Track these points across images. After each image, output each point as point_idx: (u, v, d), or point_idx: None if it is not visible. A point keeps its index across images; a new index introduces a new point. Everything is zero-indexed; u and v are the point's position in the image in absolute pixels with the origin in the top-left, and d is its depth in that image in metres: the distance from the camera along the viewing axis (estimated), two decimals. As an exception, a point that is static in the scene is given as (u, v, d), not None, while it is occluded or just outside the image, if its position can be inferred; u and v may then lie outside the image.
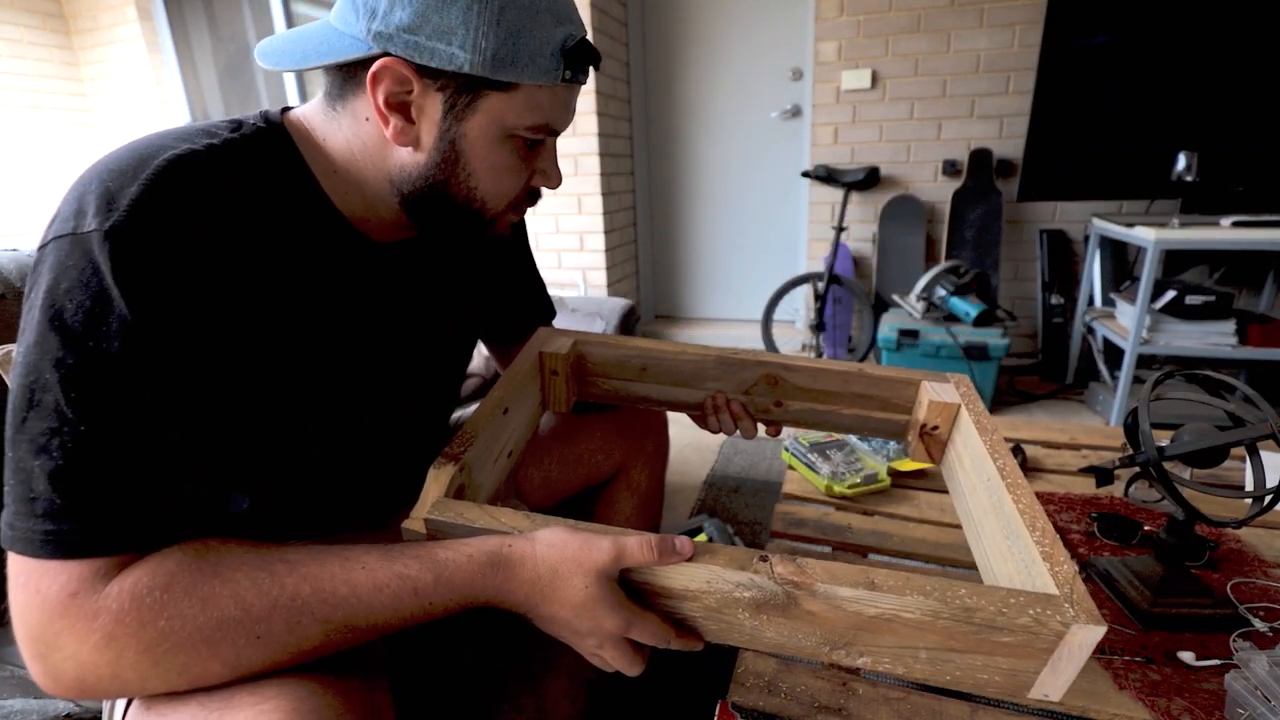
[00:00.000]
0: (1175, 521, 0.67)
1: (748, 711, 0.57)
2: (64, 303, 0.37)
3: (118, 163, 0.40)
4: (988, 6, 2.18)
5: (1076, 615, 0.38)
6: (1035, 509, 0.48)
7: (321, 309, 0.49)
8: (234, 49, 3.10)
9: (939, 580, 0.40)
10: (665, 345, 0.68)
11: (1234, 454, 0.84)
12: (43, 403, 0.36)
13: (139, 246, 0.37)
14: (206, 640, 0.36)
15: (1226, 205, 1.85)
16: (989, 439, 0.56)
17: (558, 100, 0.48)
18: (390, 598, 0.40)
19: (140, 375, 0.37)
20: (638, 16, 2.70)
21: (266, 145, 0.47)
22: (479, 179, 0.48)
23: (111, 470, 0.37)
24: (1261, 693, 0.52)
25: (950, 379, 0.65)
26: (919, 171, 2.40)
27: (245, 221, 0.43)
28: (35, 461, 0.36)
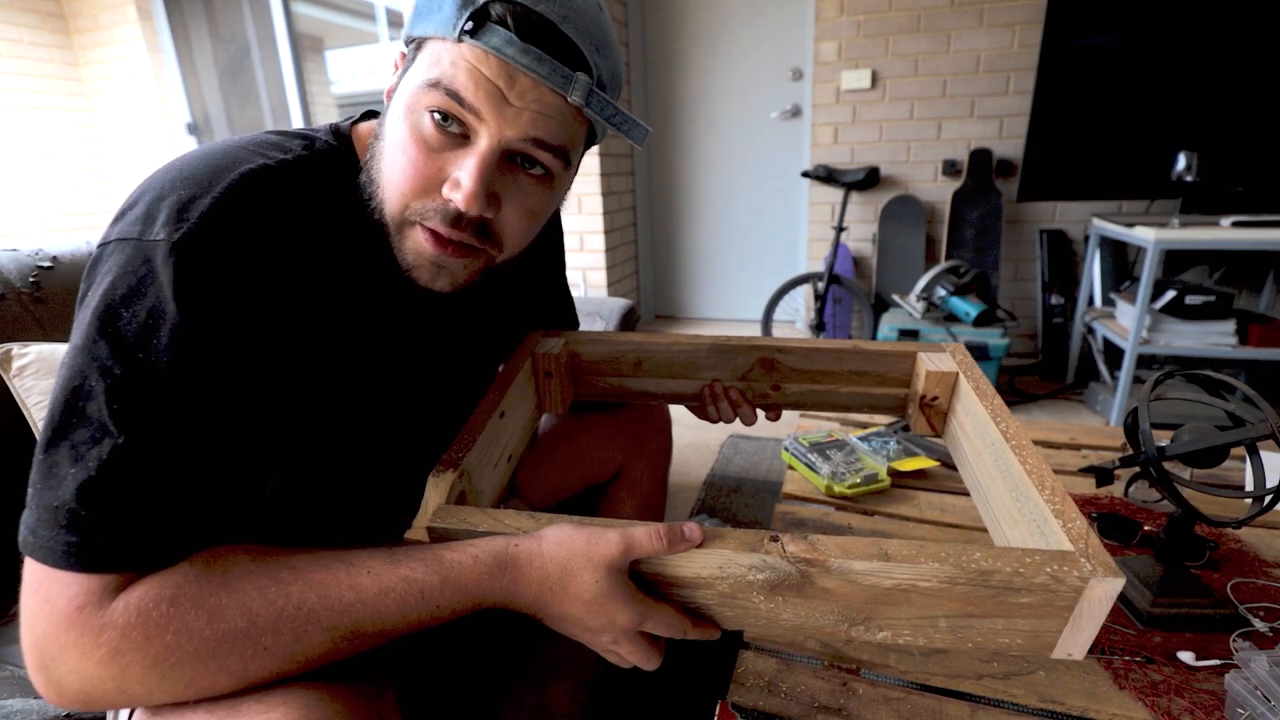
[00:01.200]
0: (1175, 521, 0.67)
1: (748, 711, 0.57)
2: (119, 309, 0.36)
3: (193, 170, 0.39)
4: (988, 6, 2.18)
5: (1094, 569, 0.38)
6: (1043, 469, 0.47)
7: (366, 336, 0.48)
8: (234, 49, 3.10)
9: (953, 545, 0.40)
10: (658, 337, 0.68)
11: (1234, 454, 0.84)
12: (85, 410, 0.36)
13: (203, 263, 0.37)
14: (213, 654, 0.36)
15: (1226, 205, 1.85)
16: (990, 404, 0.56)
17: (462, 61, 0.39)
18: (396, 602, 0.39)
19: (185, 392, 0.37)
20: (638, 16, 2.70)
21: (333, 164, 0.45)
22: (383, 159, 0.43)
23: (141, 487, 0.36)
24: (1261, 693, 0.52)
25: (946, 348, 0.65)
26: (919, 171, 2.40)
27: (307, 242, 0.42)
28: (70, 469, 0.35)
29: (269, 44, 3.00)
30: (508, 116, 0.41)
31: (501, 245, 0.46)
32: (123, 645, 0.35)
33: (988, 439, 0.54)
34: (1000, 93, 2.24)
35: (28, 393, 0.69)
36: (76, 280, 0.81)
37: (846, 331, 2.51)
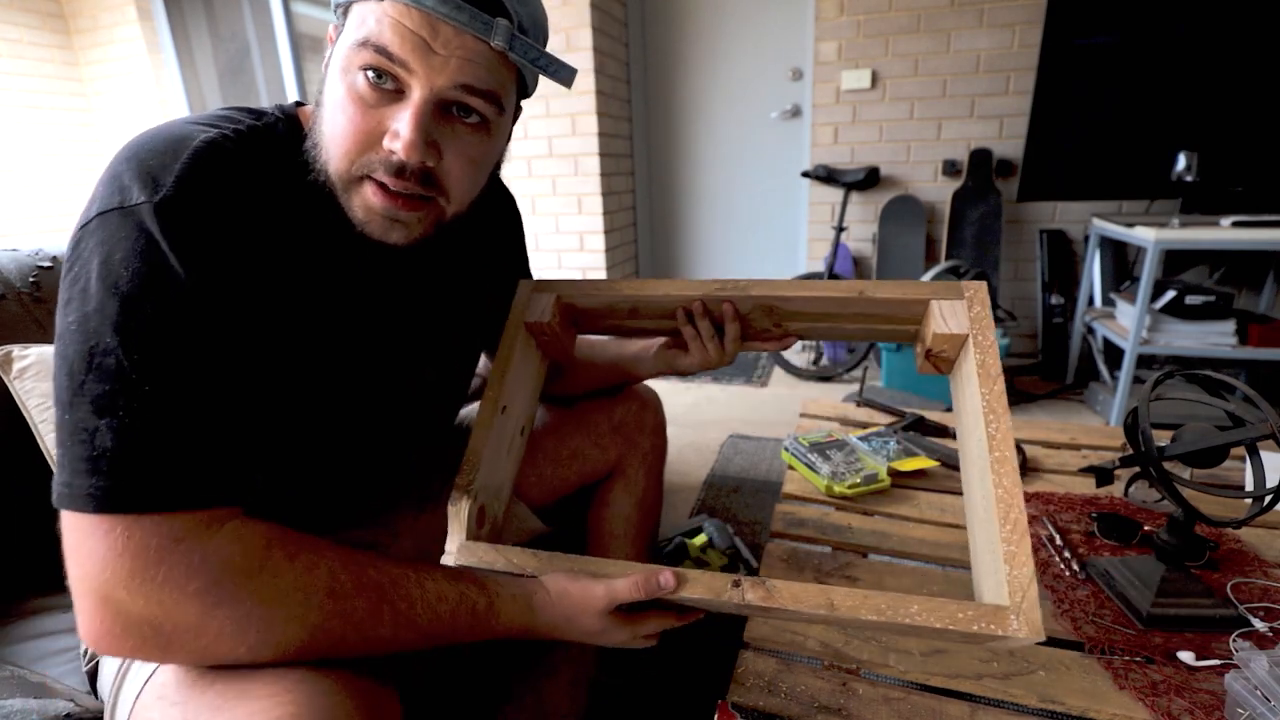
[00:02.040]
0: (1175, 521, 0.67)
1: (748, 711, 0.57)
2: (120, 270, 0.38)
3: (152, 144, 0.41)
4: (988, 6, 2.18)
5: (1019, 629, 0.43)
6: (1013, 494, 0.48)
7: (325, 293, 0.49)
8: (234, 49, 3.10)
9: (893, 598, 0.46)
10: (651, 287, 0.64)
11: (1234, 454, 0.84)
12: (103, 365, 0.37)
13: (189, 217, 0.39)
14: (297, 603, 0.38)
15: (1226, 205, 1.85)
16: (989, 392, 0.53)
17: (387, 18, 0.41)
18: (450, 610, 0.45)
19: (198, 336, 0.39)
20: (638, 16, 2.70)
21: (281, 136, 0.48)
22: (324, 121, 0.44)
23: (178, 426, 0.38)
24: (1261, 693, 0.52)
25: (966, 292, 0.58)
26: (919, 171, 2.40)
27: (267, 204, 0.44)
28: (100, 421, 0.36)
29: (269, 44, 3.00)
30: (435, 65, 0.42)
31: (448, 194, 0.47)
32: (222, 576, 0.37)
33: (976, 435, 0.53)
34: (1000, 93, 2.24)
35: (28, 395, 0.69)
36: (76, 280, 0.81)
37: (846, 331, 2.51)
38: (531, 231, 2.62)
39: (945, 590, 0.72)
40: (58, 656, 0.63)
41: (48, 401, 0.69)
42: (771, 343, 0.67)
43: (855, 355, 2.39)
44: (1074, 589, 0.70)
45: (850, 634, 0.65)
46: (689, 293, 0.63)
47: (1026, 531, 0.46)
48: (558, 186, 2.55)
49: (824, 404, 1.28)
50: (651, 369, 0.74)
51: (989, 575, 0.48)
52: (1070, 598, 0.69)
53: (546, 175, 2.55)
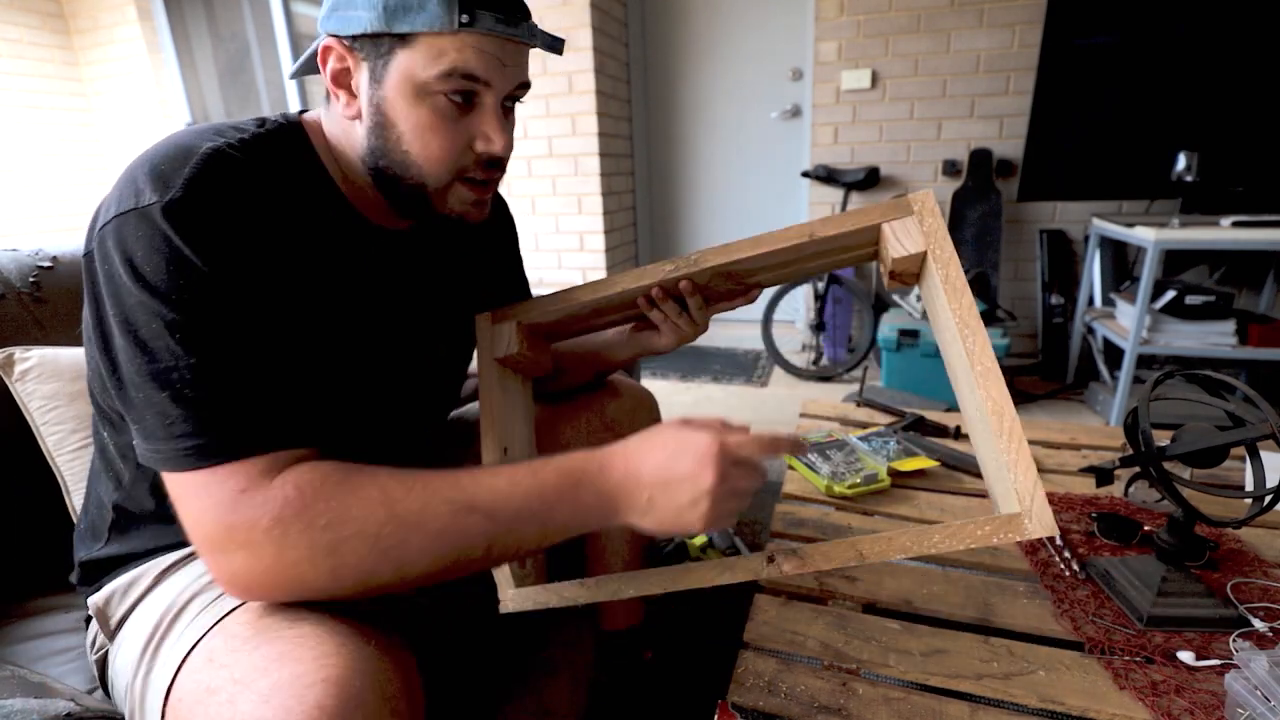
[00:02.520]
0: (1175, 521, 0.67)
1: (748, 711, 0.57)
2: (144, 267, 0.42)
3: (163, 151, 0.45)
4: (988, 6, 2.18)
5: (1034, 529, 0.45)
6: (1003, 404, 0.49)
7: (339, 279, 0.53)
8: (234, 49, 3.10)
9: (915, 534, 0.47)
10: (606, 285, 0.64)
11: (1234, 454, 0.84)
12: (154, 349, 0.42)
13: (197, 215, 0.43)
14: (355, 518, 0.41)
15: (1226, 205, 1.85)
16: (959, 306, 0.53)
17: (467, 48, 0.47)
18: (522, 495, 0.44)
19: (227, 314, 0.43)
20: (638, 16, 2.70)
21: (286, 139, 0.52)
22: (408, 142, 0.50)
23: (231, 387, 0.42)
24: (1261, 693, 0.52)
25: (914, 205, 0.57)
26: (919, 171, 2.40)
27: (273, 203, 0.48)
28: (163, 394, 0.41)
29: (269, 44, 3.00)
30: (505, 76, 0.50)
31: (504, 167, 0.56)
32: (283, 512, 0.40)
33: (955, 348, 0.54)
34: (1000, 93, 2.24)
35: (30, 397, 0.69)
36: (77, 280, 0.81)
37: (846, 332, 2.51)
38: (531, 231, 2.62)
39: (945, 591, 0.72)
40: (58, 656, 0.63)
41: (50, 403, 0.69)
42: (738, 299, 0.69)
43: (855, 355, 2.39)
44: (1074, 589, 0.70)
45: (851, 634, 0.65)
46: (644, 282, 0.63)
47: (1023, 438, 0.48)
48: (558, 186, 2.56)
49: (824, 404, 1.28)
50: (628, 353, 0.75)
51: (998, 484, 0.50)
52: (1070, 598, 0.69)
53: (546, 175, 2.55)
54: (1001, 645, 0.63)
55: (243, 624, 0.43)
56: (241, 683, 0.38)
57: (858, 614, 0.69)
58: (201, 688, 0.40)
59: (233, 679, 0.39)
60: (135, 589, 0.52)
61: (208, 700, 0.39)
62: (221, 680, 0.40)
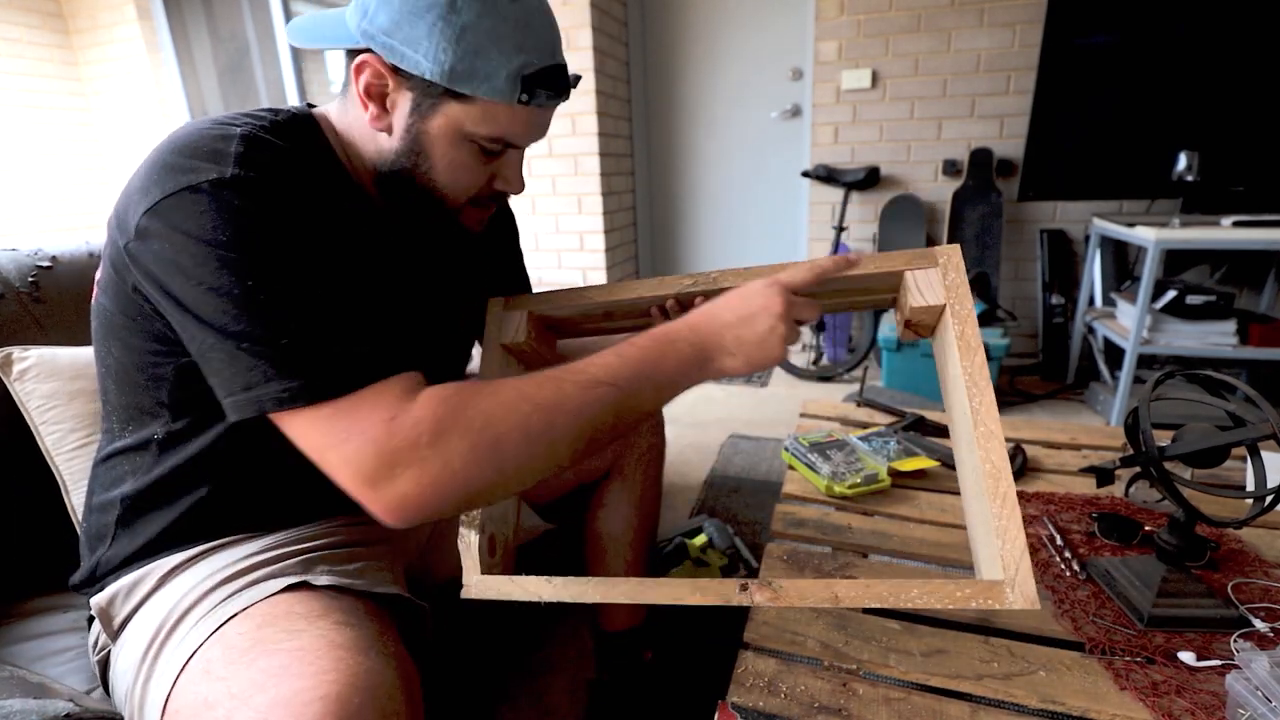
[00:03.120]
0: (1176, 522, 0.67)
1: (748, 711, 0.57)
2: (220, 235, 0.43)
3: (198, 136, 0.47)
4: (988, 6, 2.18)
5: (1015, 600, 0.45)
6: (1000, 468, 0.49)
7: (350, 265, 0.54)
8: (233, 49, 3.10)
9: (894, 585, 0.48)
10: (623, 289, 0.65)
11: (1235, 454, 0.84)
12: (258, 302, 0.43)
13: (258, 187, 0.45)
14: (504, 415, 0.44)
15: (1227, 205, 1.85)
16: (970, 364, 0.53)
17: (517, 119, 0.52)
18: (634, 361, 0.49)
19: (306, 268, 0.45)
20: (638, 16, 2.70)
21: (301, 128, 0.54)
22: (439, 173, 0.54)
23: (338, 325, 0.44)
24: (1263, 693, 0.52)
25: (940, 258, 0.57)
26: (919, 171, 2.39)
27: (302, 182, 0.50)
28: (279, 339, 0.42)
29: (269, 43, 3.00)
30: (536, 135, 0.56)
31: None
32: (440, 426, 0.42)
33: (960, 408, 0.54)
34: (1001, 92, 2.24)
35: (29, 396, 0.69)
36: (76, 280, 0.81)
37: (846, 332, 2.51)
38: (531, 231, 2.62)
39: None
40: (58, 656, 0.63)
41: (49, 403, 0.69)
42: None
43: (855, 355, 2.39)
44: (1074, 589, 0.70)
45: (851, 634, 0.65)
46: (661, 291, 0.64)
47: (1016, 505, 0.48)
48: (558, 186, 2.55)
49: (824, 404, 1.28)
50: None
51: (984, 548, 0.50)
52: (1071, 598, 0.69)
53: (546, 175, 2.55)
54: (1002, 645, 0.63)
55: (241, 634, 0.42)
56: (239, 698, 0.38)
57: (858, 614, 0.69)
58: (199, 700, 0.40)
59: (230, 693, 0.39)
60: (139, 590, 0.52)
61: (204, 714, 0.39)
62: (219, 694, 0.39)
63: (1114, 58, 1.93)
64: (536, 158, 2.55)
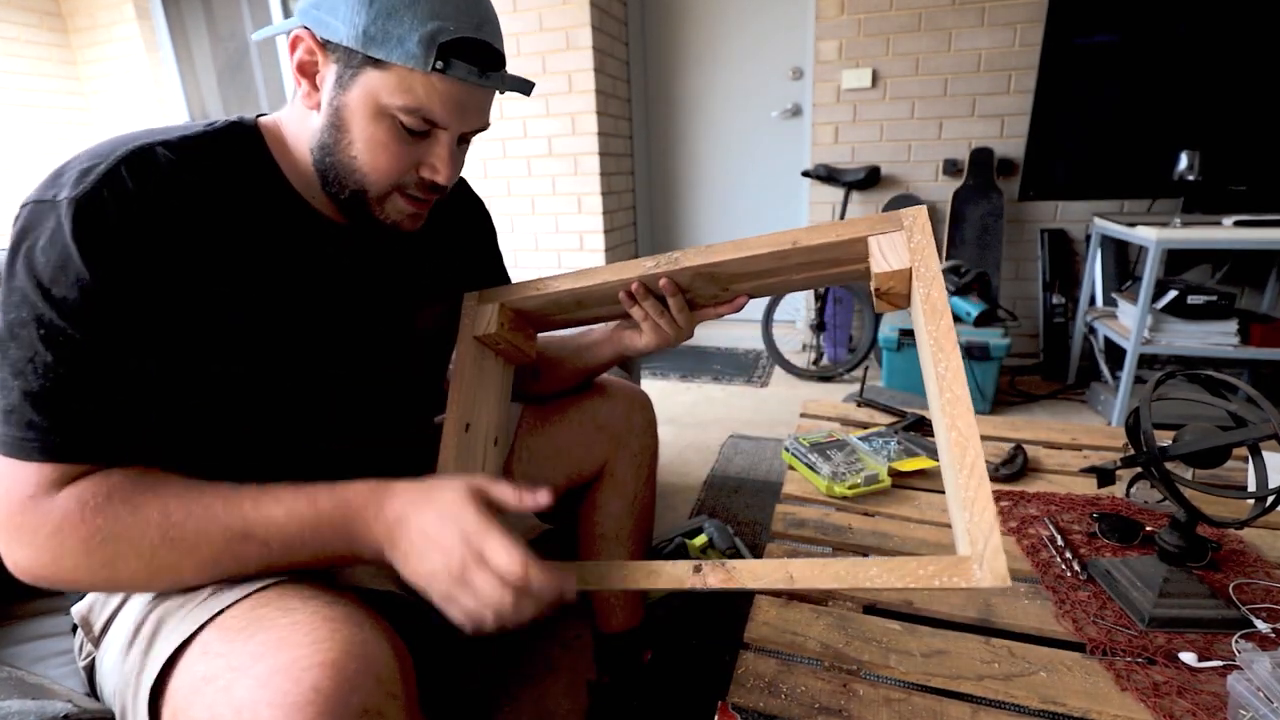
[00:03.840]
0: (1177, 522, 0.67)
1: (748, 712, 0.56)
2: (36, 256, 0.44)
3: (99, 148, 0.47)
4: (989, 5, 2.17)
5: (983, 578, 0.42)
6: (968, 436, 0.46)
7: (279, 281, 0.53)
8: (232, 48, 3.10)
9: (851, 564, 0.46)
10: (589, 276, 0.64)
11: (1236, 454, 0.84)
12: (20, 336, 0.43)
13: (96, 215, 0.44)
14: (130, 538, 0.43)
15: (1228, 205, 1.85)
16: (935, 328, 0.51)
17: (435, 91, 0.49)
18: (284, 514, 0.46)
19: (95, 321, 0.44)
20: (638, 16, 2.69)
21: (234, 138, 0.53)
22: (357, 150, 0.52)
23: (70, 395, 0.44)
24: (1264, 694, 0.51)
25: (905, 220, 0.55)
26: (920, 171, 2.39)
27: (206, 202, 0.49)
28: (15, 382, 0.43)
29: (268, 43, 3.00)
30: (465, 119, 0.53)
31: (445, 192, 0.58)
32: (63, 524, 0.42)
33: (931, 374, 0.51)
34: (1001, 92, 2.24)
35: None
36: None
37: (847, 332, 2.51)
38: (531, 231, 2.62)
39: (945, 591, 0.71)
40: (57, 658, 0.63)
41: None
42: (723, 307, 0.69)
43: (855, 355, 2.39)
44: (1075, 590, 0.70)
45: (851, 635, 0.65)
46: (625, 275, 0.63)
47: (985, 475, 0.45)
48: (557, 186, 2.55)
49: (824, 404, 1.28)
50: (610, 353, 0.75)
51: (955, 523, 0.47)
52: (1072, 598, 0.69)
53: (546, 175, 2.55)
54: (1002, 646, 0.63)
55: (237, 616, 0.43)
56: (238, 669, 0.39)
57: (858, 615, 0.68)
58: (198, 677, 0.41)
59: (229, 666, 0.39)
60: (115, 595, 0.52)
61: (204, 689, 0.39)
62: (217, 668, 0.40)
63: (1114, 57, 1.93)
64: (536, 158, 2.55)
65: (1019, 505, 0.88)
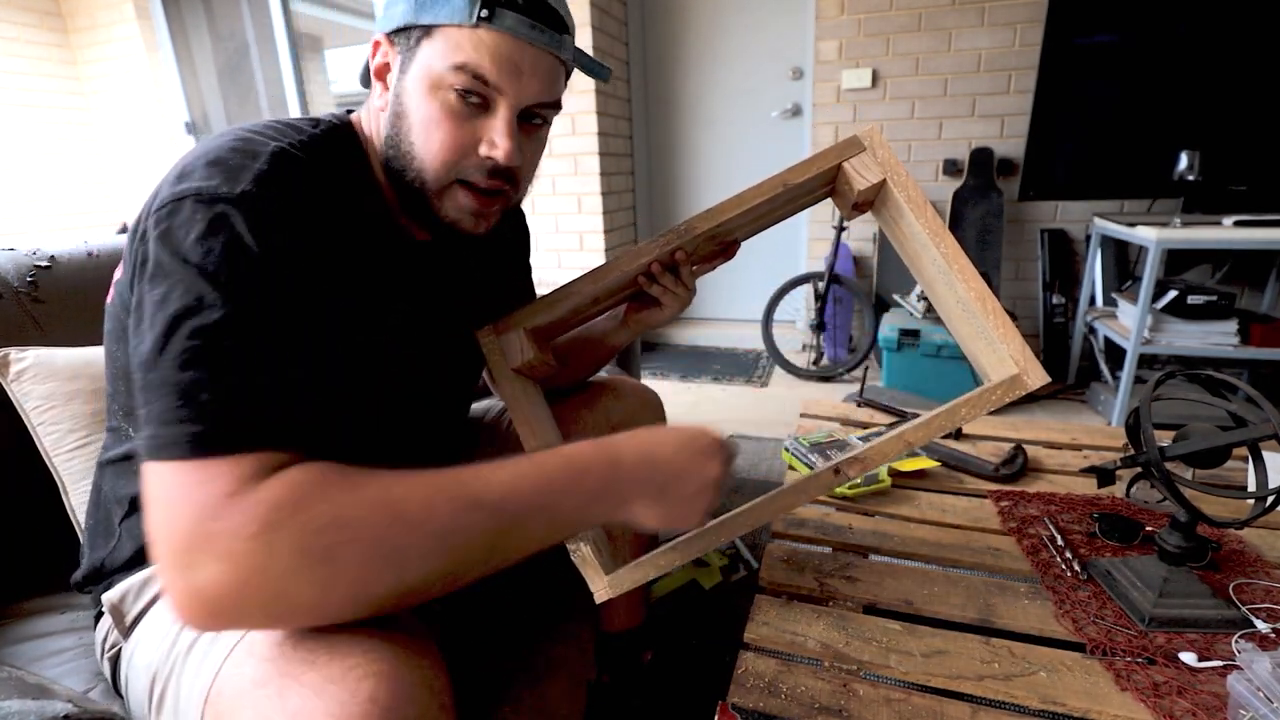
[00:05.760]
0: (1177, 522, 0.66)
1: (748, 712, 0.56)
2: (199, 248, 0.40)
3: (228, 147, 0.45)
4: (989, 5, 2.17)
5: (1033, 381, 0.55)
6: (983, 291, 0.57)
7: (376, 285, 0.53)
8: (232, 48, 3.10)
9: (944, 411, 0.55)
10: (605, 272, 0.66)
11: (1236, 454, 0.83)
12: (187, 329, 0.39)
13: (266, 209, 0.43)
14: (352, 520, 0.36)
15: (1228, 204, 1.85)
16: (925, 219, 0.59)
17: (483, 45, 0.46)
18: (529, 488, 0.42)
19: (271, 306, 0.42)
20: (638, 16, 2.69)
21: (340, 140, 0.52)
22: (415, 134, 0.49)
23: (256, 376, 0.40)
24: (1264, 694, 0.51)
25: (865, 142, 0.63)
26: (920, 171, 2.39)
27: (329, 206, 0.48)
28: (185, 374, 0.38)
29: (268, 43, 3.00)
30: (522, 84, 0.49)
31: (519, 186, 0.55)
32: (274, 517, 0.35)
33: (930, 254, 0.60)
34: (1001, 92, 2.24)
35: (25, 397, 0.69)
36: (74, 280, 0.81)
37: (847, 332, 2.51)
38: (531, 231, 2.62)
39: (946, 592, 0.71)
40: (57, 657, 0.63)
41: (46, 403, 0.69)
42: (719, 259, 0.72)
43: (856, 355, 2.39)
44: (1075, 589, 0.70)
45: (851, 634, 0.65)
46: (643, 259, 0.65)
47: (1005, 314, 0.56)
48: (558, 186, 2.55)
49: (824, 404, 1.28)
50: (628, 336, 0.76)
51: (988, 357, 0.59)
52: (1072, 598, 0.69)
53: (546, 175, 2.55)
54: (1003, 646, 0.63)
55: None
56: (289, 675, 0.37)
57: (858, 615, 0.68)
58: (245, 680, 0.39)
59: (279, 671, 0.37)
60: (152, 586, 0.52)
61: (254, 693, 0.38)
62: (267, 673, 0.38)
63: (1115, 57, 1.93)
64: (536, 157, 2.55)
65: (1019, 505, 0.88)
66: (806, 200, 0.69)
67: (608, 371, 0.93)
